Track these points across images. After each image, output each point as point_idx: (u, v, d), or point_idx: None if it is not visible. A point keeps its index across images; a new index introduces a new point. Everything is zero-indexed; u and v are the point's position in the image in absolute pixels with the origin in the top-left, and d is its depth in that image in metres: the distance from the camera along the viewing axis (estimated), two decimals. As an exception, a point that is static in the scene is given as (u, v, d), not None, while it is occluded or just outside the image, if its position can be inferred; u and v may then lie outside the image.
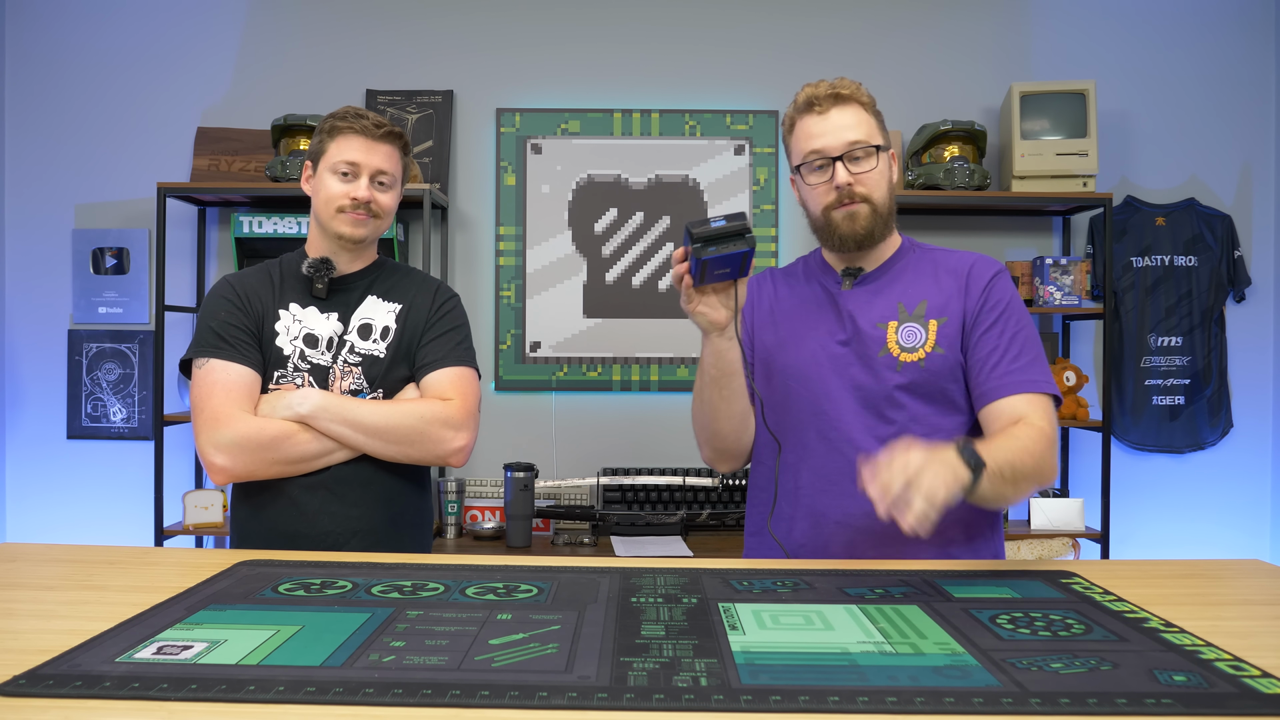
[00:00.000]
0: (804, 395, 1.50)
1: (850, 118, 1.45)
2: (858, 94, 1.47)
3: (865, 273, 1.53)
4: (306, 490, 1.56)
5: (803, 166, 1.49)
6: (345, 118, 1.60)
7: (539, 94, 3.10)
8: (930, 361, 1.44)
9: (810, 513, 1.45)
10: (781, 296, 1.60)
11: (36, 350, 3.12)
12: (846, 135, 1.44)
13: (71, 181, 3.10)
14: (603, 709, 0.81)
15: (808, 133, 1.47)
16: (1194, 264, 3.07)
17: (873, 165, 1.46)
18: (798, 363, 1.51)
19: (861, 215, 1.46)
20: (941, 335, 1.46)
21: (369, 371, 1.61)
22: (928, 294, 1.49)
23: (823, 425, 1.48)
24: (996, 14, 3.12)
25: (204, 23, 3.10)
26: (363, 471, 1.58)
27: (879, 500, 1.12)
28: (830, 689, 0.85)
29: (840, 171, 1.44)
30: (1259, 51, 3.13)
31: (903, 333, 1.47)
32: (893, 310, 1.48)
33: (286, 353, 1.59)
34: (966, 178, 2.79)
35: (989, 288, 1.47)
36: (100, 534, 2.99)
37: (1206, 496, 3.10)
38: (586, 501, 2.95)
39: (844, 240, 1.48)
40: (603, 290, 3.09)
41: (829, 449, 1.47)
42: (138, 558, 1.42)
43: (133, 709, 0.81)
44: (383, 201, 1.61)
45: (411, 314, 1.66)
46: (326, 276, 1.62)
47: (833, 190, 1.46)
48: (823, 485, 1.47)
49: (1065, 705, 0.82)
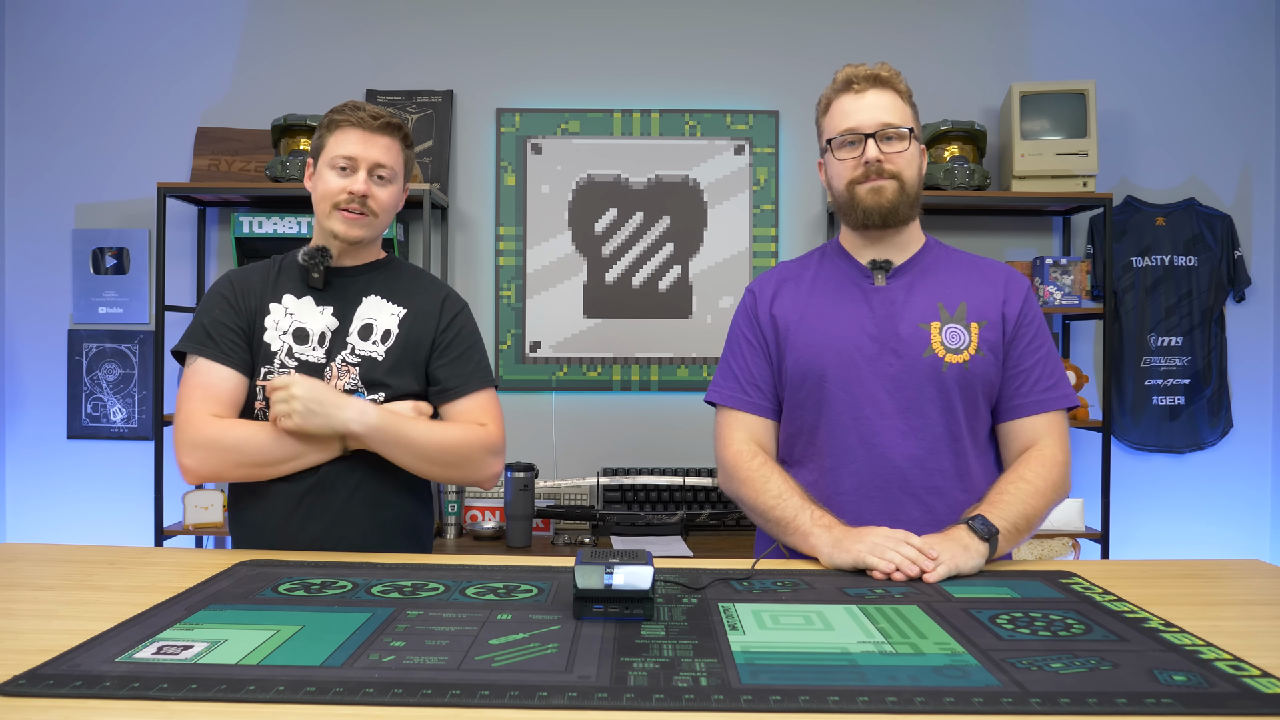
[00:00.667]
0: (843, 399, 1.46)
1: (886, 100, 1.47)
2: (895, 80, 1.49)
3: (894, 266, 1.52)
4: (292, 497, 1.52)
5: (834, 141, 1.49)
6: (343, 111, 1.56)
7: (539, 94, 3.10)
8: (974, 364, 1.45)
9: (855, 520, 1.41)
10: (805, 296, 1.54)
11: (36, 350, 3.12)
12: (880, 115, 1.46)
13: (71, 181, 3.10)
14: (603, 709, 0.81)
15: (843, 110, 1.48)
16: (1194, 264, 3.07)
17: (904, 147, 1.47)
18: (835, 366, 1.47)
19: (888, 190, 1.46)
20: (983, 339, 1.47)
21: (366, 374, 1.56)
22: (965, 296, 1.49)
23: (865, 431, 1.45)
24: (996, 14, 3.12)
25: (204, 23, 3.10)
26: (353, 475, 1.53)
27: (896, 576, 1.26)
28: (830, 689, 0.85)
29: (870, 147, 1.45)
30: (1259, 51, 3.13)
31: (947, 334, 1.46)
32: (933, 310, 1.48)
33: (274, 347, 1.55)
34: (966, 178, 2.79)
35: (1027, 302, 1.52)
36: (100, 534, 2.99)
37: (1206, 496, 3.10)
38: (586, 501, 2.95)
39: (868, 214, 1.47)
40: (603, 290, 3.09)
41: (871, 455, 1.45)
42: (138, 558, 1.42)
43: (133, 709, 0.81)
44: (380, 197, 1.56)
45: (416, 321, 1.61)
46: (322, 265, 1.58)
47: (861, 165, 1.46)
48: (867, 492, 1.45)
49: (1065, 705, 0.82)
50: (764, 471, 1.49)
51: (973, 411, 1.47)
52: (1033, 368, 1.48)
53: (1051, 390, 1.48)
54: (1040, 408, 1.47)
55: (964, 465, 1.46)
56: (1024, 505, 1.38)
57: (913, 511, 1.43)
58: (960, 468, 1.46)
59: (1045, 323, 1.53)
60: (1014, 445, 1.49)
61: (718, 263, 3.09)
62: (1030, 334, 1.50)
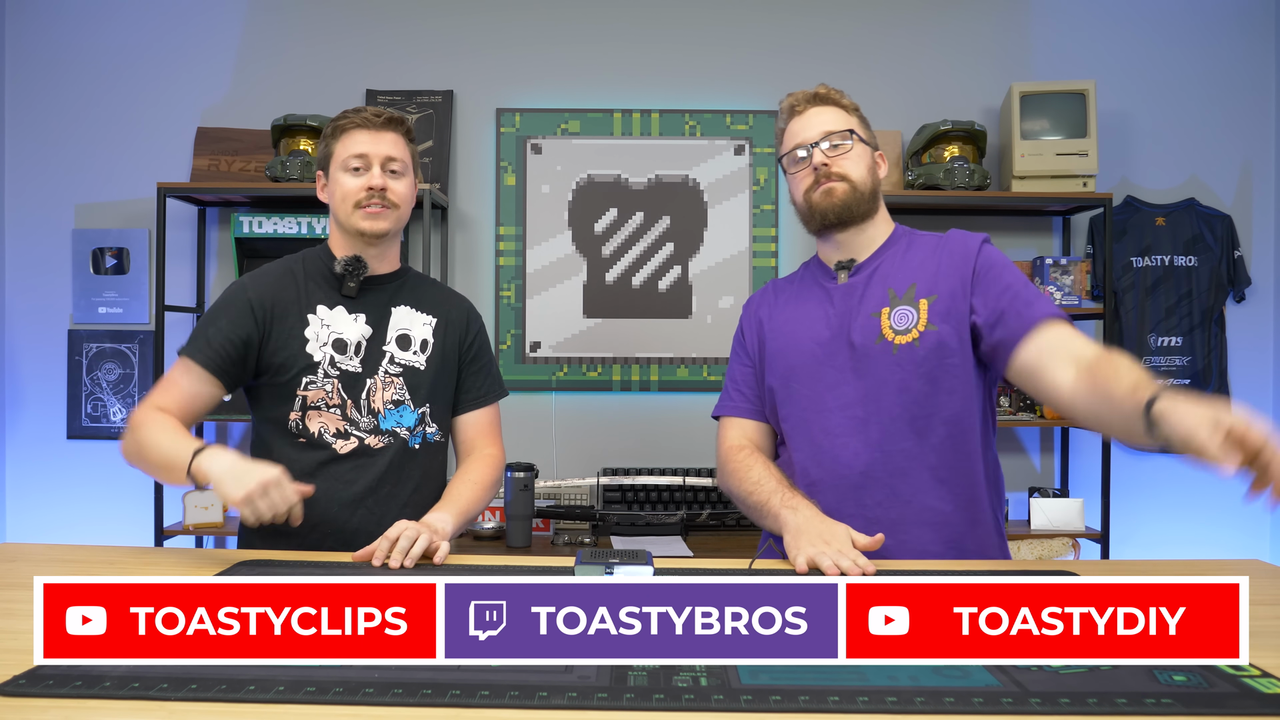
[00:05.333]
0: (807, 395, 1.52)
1: (828, 115, 1.54)
2: (836, 96, 1.57)
3: (858, 263, 1.56)
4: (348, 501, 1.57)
5: (784, 160, 1.57)
6: (344, 116, 1.59)
7: (539, 94, 3.10)
8: (925, 339, 1.46)
9: (827, 511, 1.43)
10: (782, 305, 1.62)
11: (36, 350, 3.12)
12: (822, 125, 1.53)
13: (71, 181, 3.10)
14: (603, 709, 0.81)
15: (790, 133, 1.57)
16: (1194, 264, 3.07)
17: (848, 149, 1.52)
18: (800, 365, 1.53)
19: (838, 191, 1.50)
20: (933, 313, 1.47)
21: (411, 382, 1.61)
22: (915, 276, 1.51)
23: (827, 423, 1.49)
24: (996, 14, 3.12)
25: (204, 23, 3.10)
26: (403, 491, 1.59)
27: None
28: (830, 689, 0.85)
29: (816, 154, 1.51)
30: (1259, 51, 3.12)
31: (895, 317, 1.48)
32: (884, 297, 1.50)
33: (317, 359, 1.56)
34: (966, 178, 2.79)
35: (981, 254, 1.49)
36: (100, 534, 2.99)
37: (1206, 496, 3.10)
38: (586, 501, 2.95)
39: (824, 215, 1.52)
40: (603, 290, 3.09)
41: (833, 445, 1.48)
42: (138, 558, 1.42)
43: (133, 709, 0.81)
44: (397, 189, 1.58)
45: (449, 331, 1.68)
46: (360, 275, 1.60)
47: (810, 173, 1.52)
48: (832, 483, 1.47)
49: (1065, 705, 0.82)
50: (748, 461, 1.55)
51: (931, 387, 1.44)
52: (1005, 297, 1.43)
53: (1033, 305, 1.42)
54: (1032, 320, 1.40)
55: (928, 443, 1.45)
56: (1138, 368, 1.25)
57: (878, 494, 1.45)
58: (924, 446, 1.45)
59: (1010, 263, 1.49)
60: (1049, 366, 1.36)
61: (718, 263, 3.09)
62: (993, 276, 1.45)
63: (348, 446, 1.56)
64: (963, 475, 1.46)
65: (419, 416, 1.61)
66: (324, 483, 1.53)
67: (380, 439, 1.58)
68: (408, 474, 1.60)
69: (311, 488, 1.38)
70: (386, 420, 1.58)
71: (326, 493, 1.53)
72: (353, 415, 1.57)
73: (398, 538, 1.33)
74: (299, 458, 1.54)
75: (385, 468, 1.57)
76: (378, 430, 1.58)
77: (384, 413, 1.58)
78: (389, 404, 1.59)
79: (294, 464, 1.53)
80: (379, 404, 1.58)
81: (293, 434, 1.56)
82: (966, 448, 1.46)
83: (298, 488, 1.33)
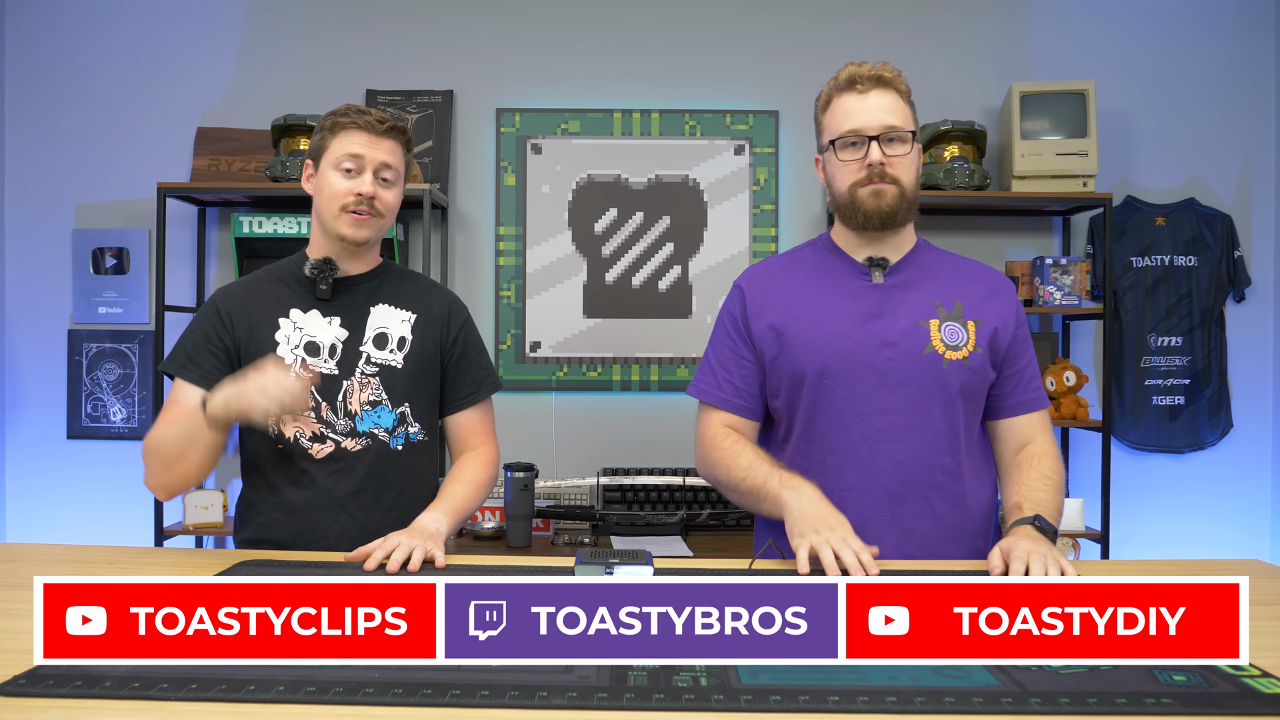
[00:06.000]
0: (843, 395, 1.46)
1: (889, 102, 1.47)
2: (898, 81, 1.50)
3: (890, 264, 1.52)
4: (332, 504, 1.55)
5: (836, 142, 1.48)
6: (347, 114, 1.55)
7: (539, 94, 3.10)
8: (973, 361, 1.47)
9: (857, 518, 1.39)
10: (799, 293, 1.53)
11: (36, 350, 3.12)
12: (884, 118, 1.46)
13: (71, 181, 3.10)
14: (603, 709, 0.81)
15: (845, 110, 1.48)
16: (1194, 264, 3.07)
17: (906, 150, 1.47)
18: (835, 363, 1.46)
19: (888, 195, 1.46)
20: (980, 336, 1.49)
21: (387, 381, 1.57)
22: (960, 296, 1.51)
23: (866, 428, 1.45)
24: (996, 14, 3.12)
25: (204, 23, 3.10)
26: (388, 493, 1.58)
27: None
28: (830, 689, 0.85)
29: (874, 150, 1.45)
30: (1259, 51, 3.12)
31: (946, 331, 1.48)
32: (931, 308, 1.49)
33: (288, 362, 1.53)
34: (966, 178, 2.79)
35: (1018, 307, 1.56)
36: (100, 534, 2.99)
37: (1206, 496, 3.10)
38: (586, 501, 2.95)
39: (868, 217, 1.48)
40: (603, 290, 3.09)
41: (873, 451, 1.44)
42: (138, 558, 1.42)
43: (133, 709, 0.81)
44: (385, 199, 1.56)
45: (428, 326, 1.63)
46: (330, 277, 1.57)
47: (864, 168, 1.46)
48: (869, 489, 1.45)
49: (1065, 705, 0.82)
50: (737, 447, 1.49)
51: (971, 408, 1.50)
52: (1025, 368, 1.54)
53: (1039, 390, 1.56)
54: (1034, 405, 1.54)
55: (962, 461, 1.47)
56: (1057, 501, 1.43)
57: (914, 506, 1.44)
58: (959, 463, 1.47)
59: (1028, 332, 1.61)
60: (1010, 441, 1.54)
61: (718, 263, 3.09)
62: (1023, 337, 1.55)
63: (324, 450, 1.53)
64: (984, 493, 1.52)
65: (398, 417, 1.58)
66: (304, 489, 1.52)
67: (357, 441, 1.54)
68: (391, 477, 1.57)
69: (318, 374, 1.48)
70: (364, 422, 1.55)
71: (308, 499, 1.52)
72: (328, 418, 1.54)
73: (392, 550, 1.32)
74: (280, 463, 1.54)
75: (366, 472, 1.54)
76: (354, 433, 1.54)
77: (361, 414, 1.55)
78: (366, 405, 1.55)
79: (276, 470, 1.54)
80: (356, 405, 1.55)
81: (271, 440, 1.54)
82: (987, 467, 1.54)
83: (299, 374, 1.35)
